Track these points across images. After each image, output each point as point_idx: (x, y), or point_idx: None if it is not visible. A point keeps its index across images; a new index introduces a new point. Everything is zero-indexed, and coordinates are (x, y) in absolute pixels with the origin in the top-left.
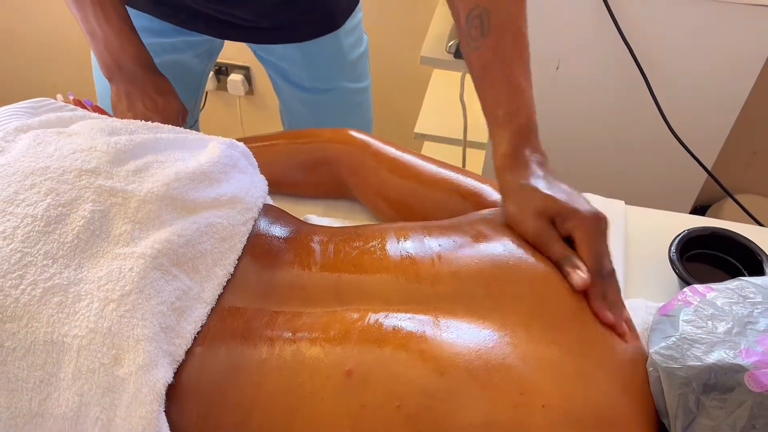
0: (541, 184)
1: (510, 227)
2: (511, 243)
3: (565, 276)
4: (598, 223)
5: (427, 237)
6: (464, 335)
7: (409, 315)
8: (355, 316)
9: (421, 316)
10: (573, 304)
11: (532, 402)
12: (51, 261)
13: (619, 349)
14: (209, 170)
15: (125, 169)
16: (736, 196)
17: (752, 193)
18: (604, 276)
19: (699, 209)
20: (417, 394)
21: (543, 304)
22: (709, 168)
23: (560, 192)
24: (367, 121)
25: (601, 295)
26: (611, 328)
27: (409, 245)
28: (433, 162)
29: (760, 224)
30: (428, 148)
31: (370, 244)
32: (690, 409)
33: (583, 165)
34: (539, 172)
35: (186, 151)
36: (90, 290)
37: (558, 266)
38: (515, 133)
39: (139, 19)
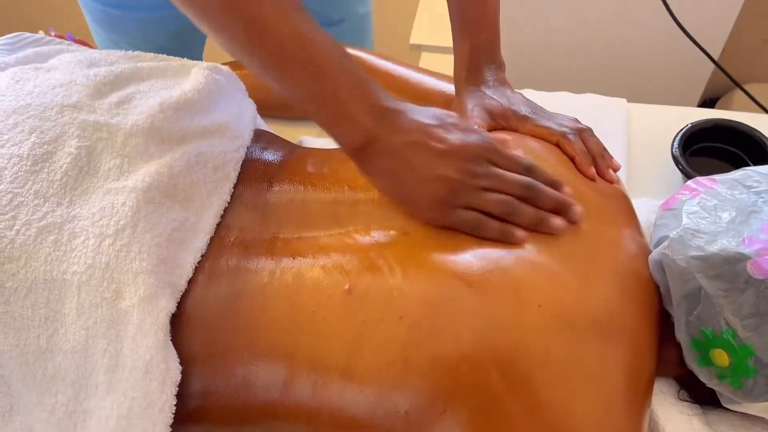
0: (489, 90)
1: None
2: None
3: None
4: (534, 111)
5: None
6: (463, 245)
7: (407, 232)
8: (354, 236)
9: (420, 233)
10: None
11: (529, 303)
12: (42, 200)
13: (623, 250)
14: (194, 98)
15: (107, 101)
16: (746, 86)
17: (762, 82)
18: (572, 135)
19: (708, 102)
20: (417, 305)
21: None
22: (716, 58)
23: (502, 96)
24: (370, 47)
25: (581, 151)
26: (601, 177)
27: None
28: (431, 74)
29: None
30: (426, 59)
31: None
32: (693, 298)
33: (582, 63)
34: (490, 81)
35: (169, 79)
36: (84, 227)
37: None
38: (477, 46)
39: None
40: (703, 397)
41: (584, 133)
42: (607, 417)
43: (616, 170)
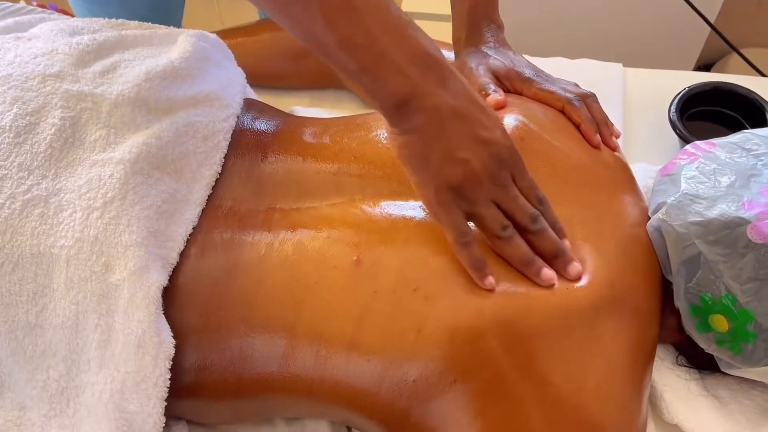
0: (491, 51)
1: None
2: (519, 117)
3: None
4: (538, 74)
5: None
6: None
7: (421, 203)
8: (361, 206)
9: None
10: (585, 178)
11: (558, 285)
12: (26, 173)
13: (630, 222)
14: (181, 66)
15: (91, 70)
16: (742, 50)
17: (759, 47)
18: (577, 101)
19: (703, 68)
20: (436, 278)
21: (556, 179)
22: (713, 22)
23: (505, 57)
24: None
25: (587, 118)
26: (605, 145)
27: None
28: None
29: (764, 76)
30: None
31: (374, 133)
32: (692, 264)
33: (577, 27)
34: (491, 42)
35: (155, 47)
36: (71, 200)
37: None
38: (476, 5)
39: None
40: (701, 362)
41: (588, 99)
42: (614, 390)
43: (617, 137)
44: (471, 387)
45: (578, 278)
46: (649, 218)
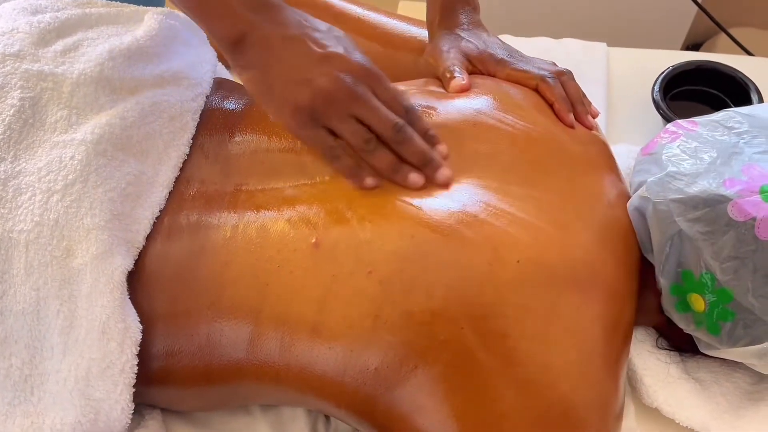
0: (464, 33)
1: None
2: (484, 99)
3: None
4: (512, 54)
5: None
6: (435, 197)
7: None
8: (320, 187)
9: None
10: (556, 156)
11: (507, 258)
12: None
13: (602, 199)
14: (147, 44)
15: (52, 49)
16: (730, 30)
17: (746, 26)
18: (551, 79)
19: (691, 48)
20: (388, 260)
21: (522, 158)
22: (699, 1)
23: (478, 40)
24: None
25: (560, 97)
26: (580, 123)
27: None
28: (404, 20)
29: (750, 54)
30: (405, 7)
31: None
32: (672, 241)
33: (562, 6)
34: (465, 24)
35: (120, 26)
36: (31, 182)
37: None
38: None
39: None
40: (682, 344)
41: (563, 77)
42: (585, 370)
43: (594, 117)
44: (434, 371)
45: (446, 183)
46: (629, 197)
